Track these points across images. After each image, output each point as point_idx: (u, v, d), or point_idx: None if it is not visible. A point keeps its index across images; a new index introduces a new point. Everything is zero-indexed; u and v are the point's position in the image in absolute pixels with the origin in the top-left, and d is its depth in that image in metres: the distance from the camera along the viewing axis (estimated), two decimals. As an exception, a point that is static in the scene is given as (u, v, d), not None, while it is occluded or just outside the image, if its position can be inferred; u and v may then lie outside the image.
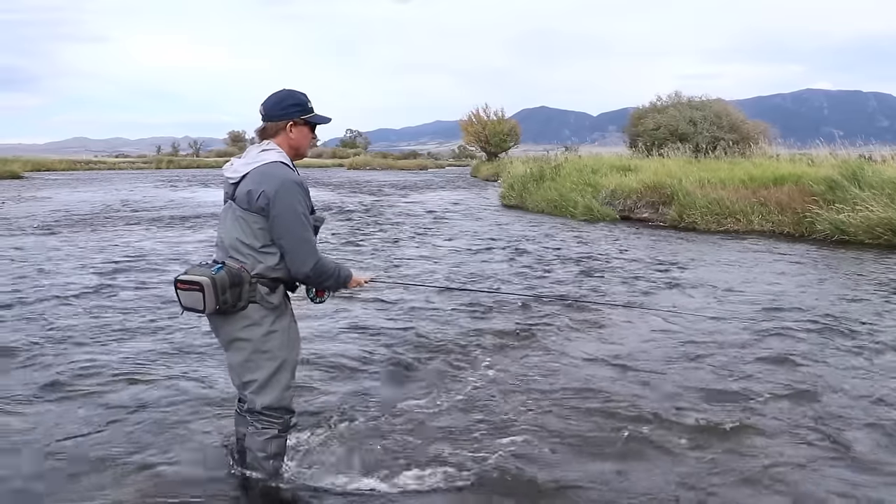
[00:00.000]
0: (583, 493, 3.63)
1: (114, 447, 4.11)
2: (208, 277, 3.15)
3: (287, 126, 3.37)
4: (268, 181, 3.21)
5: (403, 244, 13.63)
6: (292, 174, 3.28)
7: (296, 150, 3.42)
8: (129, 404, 4.80)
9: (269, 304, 3.32)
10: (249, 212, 3.23)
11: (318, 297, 3.56)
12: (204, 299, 3.16)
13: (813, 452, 4.11)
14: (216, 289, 3.15)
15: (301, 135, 3.41)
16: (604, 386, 5.25)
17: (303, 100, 3.40)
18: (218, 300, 3.17)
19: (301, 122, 3.39)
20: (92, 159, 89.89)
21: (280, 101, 3.38)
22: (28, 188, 34.68)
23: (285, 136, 3.38)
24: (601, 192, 19.30)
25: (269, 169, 3.26)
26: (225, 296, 3.18)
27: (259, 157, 3.31)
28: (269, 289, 3.31)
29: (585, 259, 11.51)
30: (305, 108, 3.40)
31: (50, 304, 7.81)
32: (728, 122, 32.49)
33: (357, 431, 4.37)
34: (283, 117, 3.36)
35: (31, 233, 15.18)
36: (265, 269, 3.29)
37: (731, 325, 7.01)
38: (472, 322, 7.20)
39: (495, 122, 59.29)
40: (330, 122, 3.52)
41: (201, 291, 3.15)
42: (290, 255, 3.27)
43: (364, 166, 75.98)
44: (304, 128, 3.42)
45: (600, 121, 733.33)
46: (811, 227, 14.03)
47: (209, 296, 3.15)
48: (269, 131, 3.39)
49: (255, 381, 3.38)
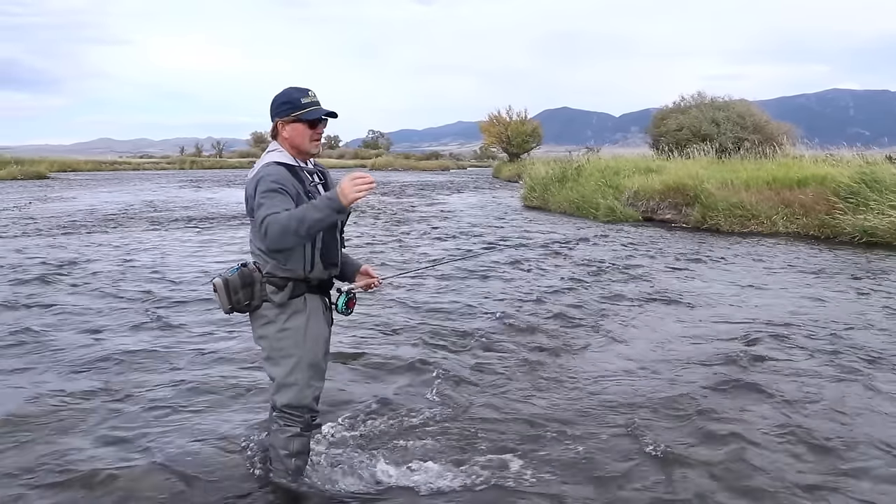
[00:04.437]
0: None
1: (138, 440, 4.17)
2: (221, 279, 3.31)
3: (279, 125, 3.39)
4: (251, 181, 3.29)
5: (426, 242, 13.68)
6: (273, 166, 3.29)
7: (296, 149, 3.41)
8: (155, 399, 4.87)
9: (274, 302, 3.37)
10: (251, 215, 3.33)
11: (347, 308, 3.58)
12: (219, 299, 3.34)
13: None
14: (228, 290, 3.30)
15: (295, 132, 3.38)
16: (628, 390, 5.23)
17: (294, 97, 3.37)
18: (231, 300, 3.31)
19: (292, 119, 3.36)
20: (117, 160, 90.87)
21: (272, 102, 3.42)
22: (54, 188, 35.12)
23: (281, 136, 3.41)
24: (624, 194, 19.21)
25: (258, 169, 3.32)
26: (237, 296, 3.31)
27: (263, 158, 3.40)
28: (277, 287, 3.36)
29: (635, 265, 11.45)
30: (295, 105, 3.36)
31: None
32: (752, 123, 32.24)
33: (382, 429, 4.39)
34: (275, 116, 3.40)
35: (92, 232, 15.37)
36: (273, 268, 3.35)
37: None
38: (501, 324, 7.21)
39: (517, 123, 59.16)
40: (334, 116, 3.44)
41: (217, 293, 3.32)
42: (257, 237, 3.30)
43: (386, 167, 76.14)
44: (298, 124, 3.37)
45: (623, 122, 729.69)
46: (836, 229, 13.88)
47: (222, 296, 3.32)
48: (273, 132, 3.45)
49: (275, 378, 3.46)
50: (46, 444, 4.15)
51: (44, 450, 4.07)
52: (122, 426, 4.44)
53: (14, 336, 6.46)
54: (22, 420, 4.51)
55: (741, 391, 5.14)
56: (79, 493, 3.62)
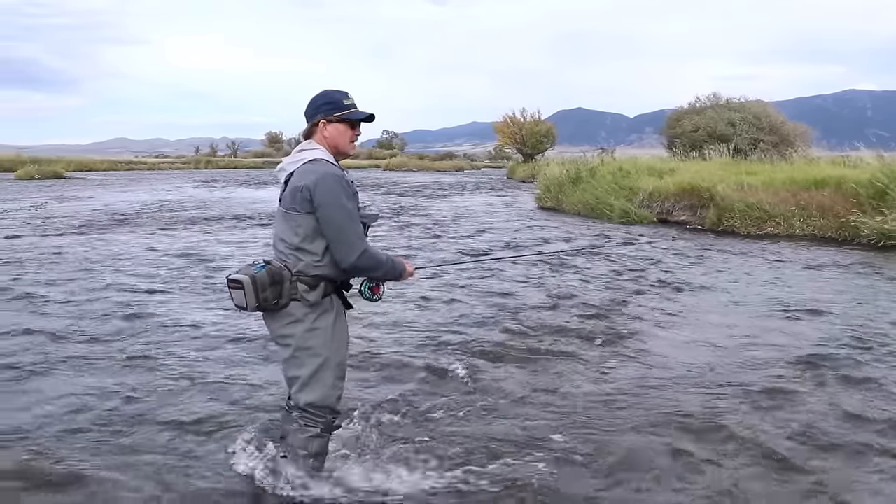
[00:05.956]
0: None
1: (153, 444, 4.19)
2: (248, 276, 3.26)
3: (320, 124, 3.44)
4: (308, 176, 3.30)
5: (445, 243, 13.68)
6: (333, 168, 3.36)
7: (335, 148, 3.47)
8: (166, 400, 4.89)
9: (307, 301, 3.37)
10: (292, 210, 3.33)
11: (373, 294, 3.60)
12: (245, 297, 3.27)
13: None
14: (256, 287, 3.25)
15: (336, 132, 3.45)
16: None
17: (336, 97, 3.45)
18: (258, 297, 3.27)
19: (335, 119, 3.44)
20: (133, 159, 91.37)
21: (313, 101, 3.48)
22: (70, 188, 35.36)
23: (320, 135, 3.46)
24: (638, 195, 19.12)
25: (310, 165, 3.35)
26: (265, 293, 3.27)
27: (300, 155, 3.42)
28: (309, 286, 3.36)
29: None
30: (338, 106, 3.44)
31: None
32: (768, 124, 32.03)
33: (395, 432, 4.39)
34: (315, 115, 3.45)
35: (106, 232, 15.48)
36: (305, 267, 3.35)
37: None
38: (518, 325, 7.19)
39: (532, 124, 59.09)
40: (372, 119, 3.53)
41: (242, 290, 3.27)
42: (335, 245, 3.33)
43: (400, 167, 76.24)
44: (340, 125, 3.45)
45: (637, 122, 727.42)
46: (855, 231, 13.76)
47: (249, 294, 3.26)
48: (308, 131, 3.50)
49: (299, 377, 3.45)
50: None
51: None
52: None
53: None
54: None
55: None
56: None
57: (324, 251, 3.36)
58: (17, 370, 5.50)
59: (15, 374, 5.39)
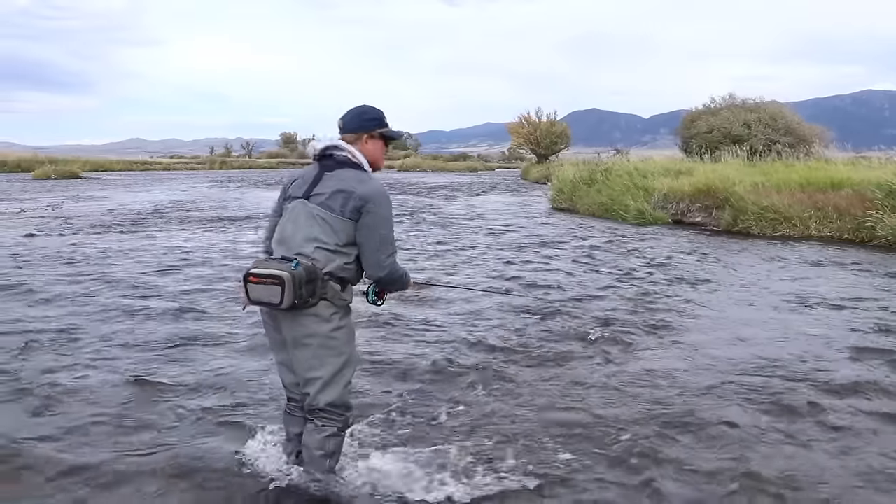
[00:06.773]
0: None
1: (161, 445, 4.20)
2: (288, 272, 3.20)
3: (364, 137, 3.51)
4: (362, 186, 3.37)
5: (456, 246, 13.67)
6: (381, 183, 3.47)
7: (372, 163, 3.55)
8: (176, 399, 4.91)
9: (343, 300, 3.41)
10: (338, 213, 3.34)
11: (379, 298, 3.62)
12: (282, 293, 3.20)
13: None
14: (295, 283, 3.20)
15: (376, 147, 3.56)
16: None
17: (381, 115, 3.58)
18: (296, 295, 3.22)
19: (377, 135, 3.56)
20: (148, 160, 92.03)
21: (360, 114, 3.55)
22: (86, 188, 35.62)
23: (361, 147, 3.51)
24: (653, 196, 19.04)
25: (360, 174, 3.44)
26: (301, 291, 3.23)
27: (349, 147, 3.48)
28: (341, 287, 3.39)
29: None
30: (382, 122, 3.57)
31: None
32: (784, 125, 31.87)
33: (409, 433, 4.38)
34: (361, 129, 3.52)
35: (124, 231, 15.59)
36: (336, 268, 3.36)
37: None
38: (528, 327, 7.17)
39: (546, 125, 59.04)
40: (400, 137, 3.72)
41: (281, 286, 3.20)
42: (373, 254, 3.39)
43: (414, 168, 76.37)
44: (380, 141, 3.58)
45: (652, 123, 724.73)
46: (871, 232, 13.65)
47: (288, 290, 3.19)
48: (347, 140, 3.52)
49: (320, 377, 3.42)
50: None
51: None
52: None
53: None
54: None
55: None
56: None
57: (356, 256, 3.41)
58: (29, 363, 5.55)
59: (26, 367, 5.44)
